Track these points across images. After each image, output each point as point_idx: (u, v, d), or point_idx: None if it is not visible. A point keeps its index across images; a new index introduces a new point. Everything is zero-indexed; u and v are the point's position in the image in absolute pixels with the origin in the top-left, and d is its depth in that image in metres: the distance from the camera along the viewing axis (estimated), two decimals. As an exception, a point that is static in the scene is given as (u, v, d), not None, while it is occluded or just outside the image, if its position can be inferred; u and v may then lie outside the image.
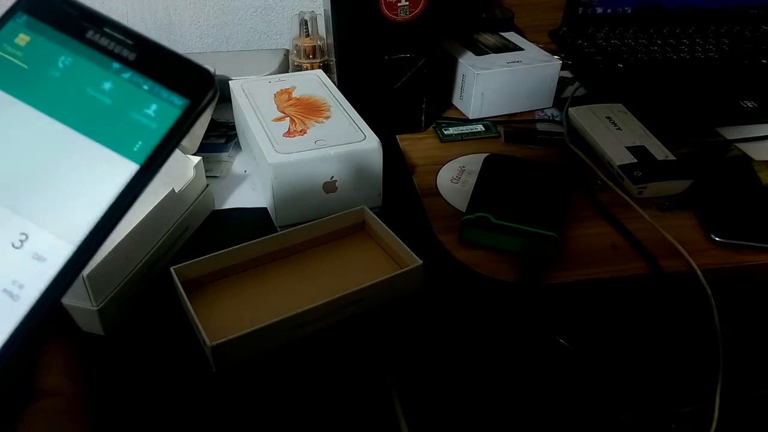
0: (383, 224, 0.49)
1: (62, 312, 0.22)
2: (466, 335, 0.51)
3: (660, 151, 0.58)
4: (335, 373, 0.45)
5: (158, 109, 0.22)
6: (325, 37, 0.72)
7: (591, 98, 0.71)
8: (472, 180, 0.55)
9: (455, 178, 0.58)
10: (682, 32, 0.81)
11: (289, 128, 0.52)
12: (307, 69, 0.71)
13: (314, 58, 0.72)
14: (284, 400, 0.45)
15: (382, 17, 0.57)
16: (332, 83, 0.61)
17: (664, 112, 0.65)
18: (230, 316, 0.44)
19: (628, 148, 0.58)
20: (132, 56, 0.23)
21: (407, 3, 0.57)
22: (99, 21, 0.23)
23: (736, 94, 0.69)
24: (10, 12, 0.23)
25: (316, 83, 0.61)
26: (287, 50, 0.77)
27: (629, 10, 0.83)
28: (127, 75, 0.23)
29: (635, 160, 0.57)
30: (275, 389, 0.44)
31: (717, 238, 0.50)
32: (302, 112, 0.55)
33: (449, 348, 0.51)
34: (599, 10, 0.82)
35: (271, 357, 0.41)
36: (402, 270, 0.45)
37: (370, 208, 0.51)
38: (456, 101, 0.71)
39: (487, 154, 0.57)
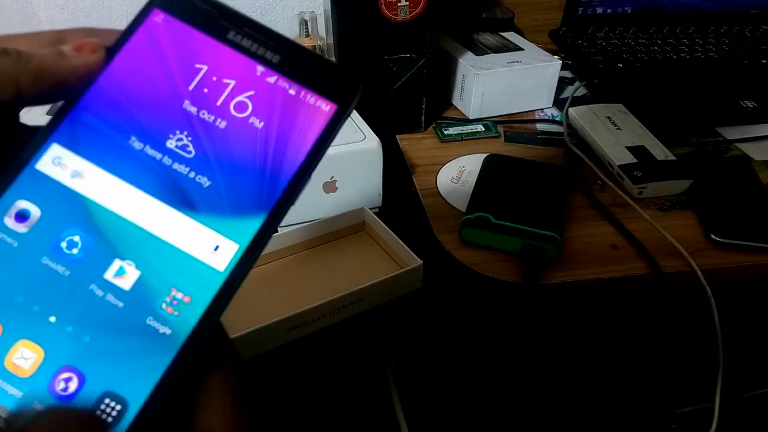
0: (383, 224, 0.49)
1: (223, 335, 0.21)
2: (466, 335, 0.51)
3: (660, 151, 0.58)
4: (335, 373, 0.45)
5: (306, 114, 0.21)
6: (325, 37, 0.72)
7: (591, 98, 0.71)
8: (472, 180, 0.55)
9: (455, 178, 0.58)
10: (682, 32, 0.81)
11: (289, 128, 0.52)
12: (307, 69, 0.71)
13: (314, 58, 0.72)
14: (284, 399, 0.45)
15: (382, 17, 0.57)
16: (332, 83, 0.61)
17: (664, 112, 0.65)
18: (229, 316, 0.44)
19: (628, 148, 0.58)
20: (276, 59, 0.21)
21: (407, 3, 0.57)
22: (240, 21, 0.22)
23: (736, 94, 0.69)
24: (147, 8, 0.22)
25: (316, 83, 0.61)
26: (287, 50, 0.77)
27: (629, 10, 0.83)
28: (272, 78, 0.21)
29: (635, 160, 0.57)
30: (275, 389, 0.44)
31: (717, 238, 0.49)
32: (302, 112, 0.55)
33: (449, 347, 0.51)
34: (599, 10, 0.82)
35: (271, 356, 0.41)
36: (402, 270, 0.45)
37: (370, 208, 0.51)
38: (456, 101, 0.71)
39: (487, 154, 0.57)
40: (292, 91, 0.21)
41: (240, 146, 0.21)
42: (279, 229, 0.51)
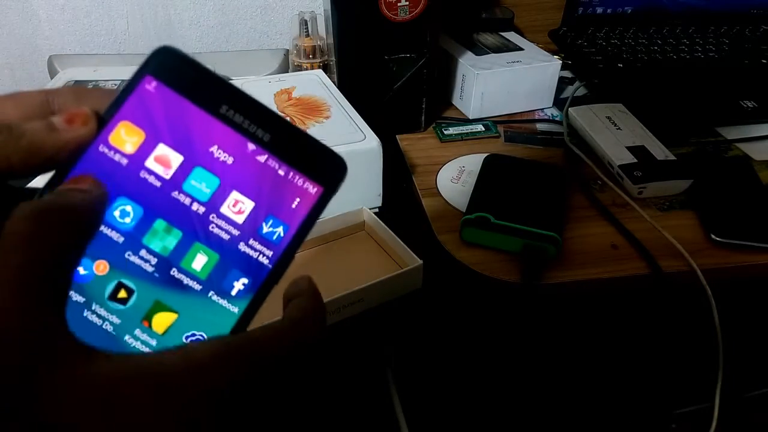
0: (383, 224, 0.49)
1: None
2: (466, 335, 0.51)
3: (660, 151, 0.58)
4: (335, 373, 0.45)
5: (294, 196, 0.21)
6: (325, 37, 0.72)
7: (591, 98, 0.71)
8: (472, 180, 0.55)
9: (455, 178, 0.58)
10: (682, 32, 0.81)
11: (289, 128, 0.52)
12: (307, 69, 0.71)
13: (314, 58, 0.72)
14: (284, 398, 0.44)
15: (382, 17, 0.57)
16: (332, 83, 0.61)
17: (664, 112, 0.65)
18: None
19: (628, 148, 0.58)
20: (267, 137, 0.21)
21: (407, 3, 0.57)
22: (233, 95, 0.21)
23: (736, 94, 0.69)
24: (139, 74, 0.21)
25: (316, 83, 0.61)
26: (287, 50, 0.77)
27: (629, 10, 0.83)
28: (263, 158, 0.21)
29: (635, 160, 0.57)
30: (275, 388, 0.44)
31: (717, 238, 0.49)
32: (302, 112, 0.55)
33: (449, 347, 0.51)
34: (599, 10, 0.82)
35: (271, 357, 0.41)
36: (402, 270, 0.45)
37: (370, 208, 0.51)
38: (456, 101, 0.71)
39: (487, 154, 0.57)
40: (281, 172, 0.21)
41: (226, 223, 0.21)
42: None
